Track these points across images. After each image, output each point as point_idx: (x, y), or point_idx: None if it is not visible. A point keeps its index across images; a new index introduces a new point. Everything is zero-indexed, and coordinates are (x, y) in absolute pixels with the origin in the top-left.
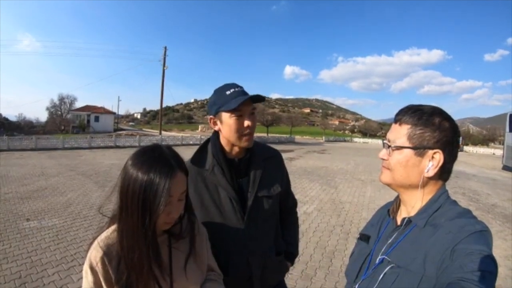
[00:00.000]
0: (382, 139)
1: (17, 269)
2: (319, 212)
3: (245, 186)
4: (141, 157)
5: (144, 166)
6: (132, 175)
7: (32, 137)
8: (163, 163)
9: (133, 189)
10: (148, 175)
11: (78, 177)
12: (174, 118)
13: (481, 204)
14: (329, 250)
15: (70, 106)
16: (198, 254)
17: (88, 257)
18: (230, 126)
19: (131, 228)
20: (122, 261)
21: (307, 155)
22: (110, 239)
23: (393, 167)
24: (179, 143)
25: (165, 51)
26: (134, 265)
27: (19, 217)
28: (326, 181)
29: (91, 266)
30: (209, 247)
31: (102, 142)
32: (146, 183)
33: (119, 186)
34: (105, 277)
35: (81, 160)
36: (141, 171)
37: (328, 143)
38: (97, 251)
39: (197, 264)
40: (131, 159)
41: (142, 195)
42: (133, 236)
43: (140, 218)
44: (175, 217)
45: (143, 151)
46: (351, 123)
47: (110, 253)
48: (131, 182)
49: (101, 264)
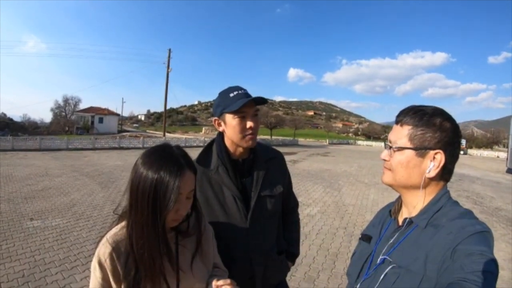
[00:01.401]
0: (385, 141)
1: (20, 268)
2: (322, 214)
3: (248, 185)
4: (152, 156)
5: (154, 165)
6: (142, 174)
7: (36, 138)
8: (173, 162)
9: (143, 187)
10: (158, 174)
11: (82, 177)
12: (178, 120)
13: (485, 207)
14: (332, 252)
15: (75, 108)
16: (204, 252)
17: (97, 253)
18: (233, 127)
19: (141, 225)
20: (130, 257)
21: (311, 157)
22: (118, 236)
23: (395, 167)
24: (183, 145)
25: (169, 53)
26: (144, 261)
27: (23, 216)
28: (330, 184)
29: (99, 262)
30: (215, 245)
31: (106, 143)
32: (157, 181)
33: (129, 184)
34: (113, 272)
35: (85, 161)
36: (151, 170)
37: (331, 146)
38: (106, 247)
39: (203, 261)
40: (141, 158)
41: (152, 193)
42: (144, 232)
43: (150, 215)
44: (183, 214)
45: (153, 150)
46: (355, 126)
47: (119, 249)
48: (142, 180)
49: (110, 260)
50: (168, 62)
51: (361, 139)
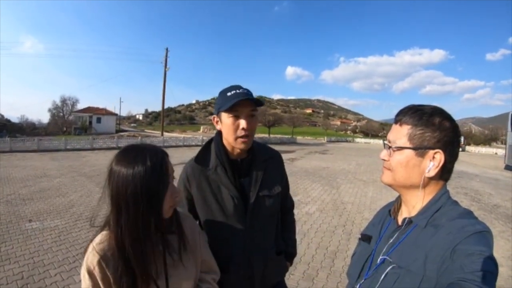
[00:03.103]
0: (383, 139)
1: (19, 270)
2: (321, 212)
3: (247, 185)
4: (126, 156)
5: (135, 160)
6: (125, 174)
7: (34, 139)
8: (152, 150)
9: (133, 184)
10: (145, 165)
11: (80, 178)
12: (176, 119)
13: (483, 204)
14: (331, 250)
15: (72, 108)
16: (190, 248)
17: (85, 261)
18: (227, 126)
19: (133, 227)
20: (121, 263)
21: (309, 155)
22: (104, 244)
23: (394, 167)
24: (181, 144)
25: (166, 52)
26: (139, 264)
27: (21, 218)
28: (328, 182)
29: (88, 270)
30: (204, 242)
31: (104, 144)
32: (146, 172)
33: (110, 192)
34: (103, 279)
35: (84, 161)
36: (135, 165)
37: (330, 144)
38: (94, 255)
39: (190, 257)
40: (118, 164)
41: (145, 184)
42: (137, 234)
43: (146, 211)
44: (180, 196)
45: (124, 152)
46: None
47: (107, 257)
48: (127, 179)
49: (99, 268)
50: (166, 61)
51: (359, 137)
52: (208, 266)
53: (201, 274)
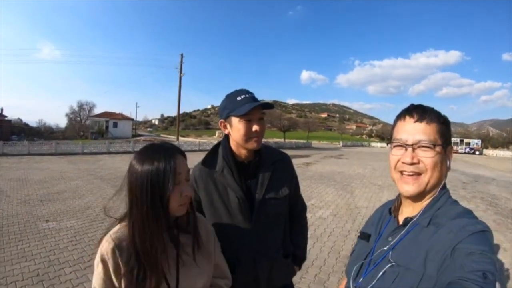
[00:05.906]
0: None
1: (35, 267)
2: (334, 217)
3: (253, 187)
4: (143, 153)
5: (148, 158)
6: (138, 170)
7: (52, 142)
8: (163, 151)
9: (141, 181)
10: (153, 164)
11: (96, 181)
12: (191, 124)
13: (500, 208)
14: (344, 255)
15: (89, 113)
16: (205, 249)
17: (100, 249)
18: (239, 130)
19: (142, 221)
20: (133, 256)
21: (324, 160)
22: (121, 233)
23: (430, 168)
24: (197, 148)
25: (181, 58)
26: (149, 258)
27: (38, 218)
28: (342, 186)
29: (102, 258)
30: (218, 247)
31: (121, 148)
32: (152, 171)
33: (127, 185)
34: (115, 268)
35: (100, 165)
36: (146, 163)
37: (345, 148)
38: (109, 243)
39: (204, 258)
40: (135, 158)
41: (150, 183)
42: (146, 228)
43: (150, 207)
44: (189, 195)
45: (143, 149)
46: (369, 128)
47: (121, 246)
48: (138, 176)
49: (112, 256)
50: (181, 66)
51: (375, 141)
52: (221, 271)
53: (214, 279)
